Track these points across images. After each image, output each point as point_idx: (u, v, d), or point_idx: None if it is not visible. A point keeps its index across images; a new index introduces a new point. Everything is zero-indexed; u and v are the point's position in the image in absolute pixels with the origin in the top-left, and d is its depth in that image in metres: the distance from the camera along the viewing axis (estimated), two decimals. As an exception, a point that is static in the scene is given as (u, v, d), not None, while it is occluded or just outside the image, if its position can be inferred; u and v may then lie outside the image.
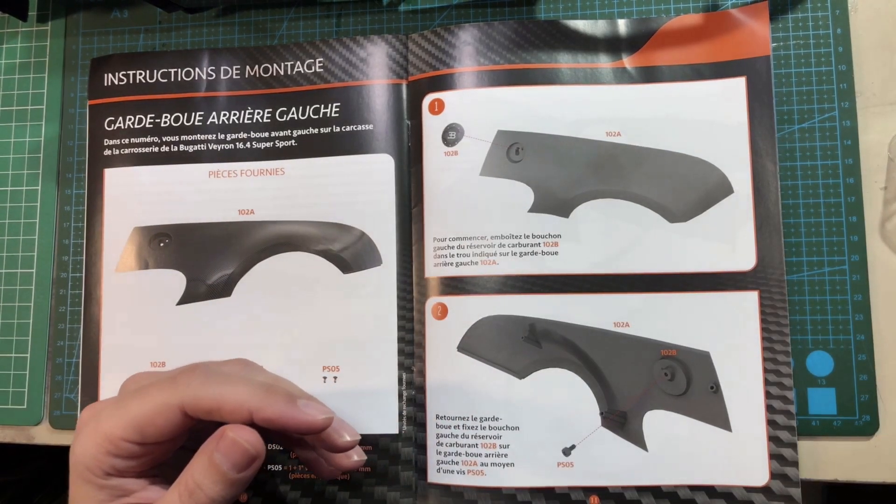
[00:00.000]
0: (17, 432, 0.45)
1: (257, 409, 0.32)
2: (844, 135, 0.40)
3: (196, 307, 0.43)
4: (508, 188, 0.41)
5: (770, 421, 0.38)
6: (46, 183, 0.46)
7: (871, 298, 0.39)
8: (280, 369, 0.42)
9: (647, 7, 0.43)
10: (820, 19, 0.41)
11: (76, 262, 0.45)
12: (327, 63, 0.44)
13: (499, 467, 0.40)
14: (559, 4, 0.44)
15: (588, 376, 0.40)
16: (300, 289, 0.42)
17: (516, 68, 0.42)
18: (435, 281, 0.41)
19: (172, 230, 0.44)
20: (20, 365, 0.45)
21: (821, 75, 0.41)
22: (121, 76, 0.45)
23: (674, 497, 0.39)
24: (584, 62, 0.42)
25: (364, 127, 0.43)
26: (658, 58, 0.42)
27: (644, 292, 0.40)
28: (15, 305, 0.46)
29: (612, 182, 0.41)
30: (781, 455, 0.38)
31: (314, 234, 0.43)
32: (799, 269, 0.40)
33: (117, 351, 0.43)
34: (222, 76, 0.45)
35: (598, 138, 0.41)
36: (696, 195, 0.40)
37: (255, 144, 0.44)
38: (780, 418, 0.38)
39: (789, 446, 0.38)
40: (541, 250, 0.41)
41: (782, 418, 0.38)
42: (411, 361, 0.41)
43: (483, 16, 0.44)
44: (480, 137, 0.42)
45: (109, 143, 0.45)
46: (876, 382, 0.39)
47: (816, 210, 0.40)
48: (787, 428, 0.38)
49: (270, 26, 0.46)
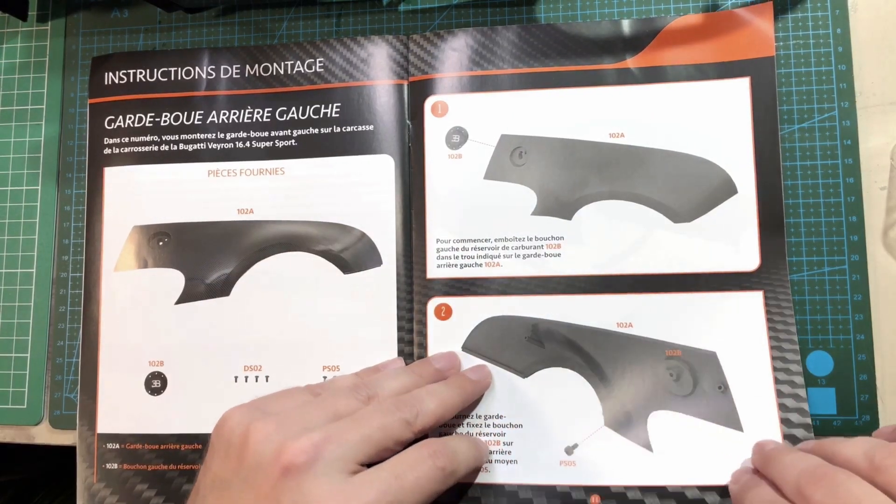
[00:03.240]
0: (17, 432, 0.45)
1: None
2: (844, 134, 0.40)
3: (194, 306, 0.43)
4: (512, 191, 0.42)
5: (783, 419, 0.38)
6: (46, 183, 0.46)
7: (871, 298, 0.39)
8: (279, 369, 0.42)
9: (646, 7, 0.43)
10: (820, 19, 0.41)
11: (76, 261, 0.45)
12: (328, 63, 0.44)
13: (502, 464, 0.40)
14: (559, 4, 0.44)
15: (591, 376, 0.40)
16: (300, 289, 0.42)
17: (520, 72, 0.42)
18: (438, 282, 0.42)
19: (172, 229, 0.44)
20: (20, 365, 0.45)
21: (820, 75, 0.41)
22: (121, 75, 0.45)
23: (681, 497, 0.38)
24: (588, 64, 0.42)
25: (364, 127, 0.43)
26: (662, 58, 0.41)
27: (647, 293, 0.40)
28: (15, 305, 0.46)
29: (615, 183, 0.41)
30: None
31: (314, 234, 0.43)
32: (799, 269, 0.40)
33: (116, 349, 0.43)
34: (222, 75, 0.45)
35: (601, 140, 0.41)
36: (700, 195, 0.40)
37: (254, 144, 0.44)
38: (793, 416, 0.38)
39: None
40: (543, 252, 0.41)
41: (796, 416, 0.38)
42: (412, 361, 0.41)
43: (483, 15, 0.44)
44: (484, 141, 0.42)
45: (109, 142, 0.45)
46: (876, 382, 0.39)
47: (816, 210, 0.40)
48: (803, 426, 0.38)
49: (270, 26, 0.46)
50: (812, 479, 0.30)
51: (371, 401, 0.36)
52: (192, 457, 0.42)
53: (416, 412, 0.35)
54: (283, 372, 0.42)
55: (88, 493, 0.42)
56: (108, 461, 0.42)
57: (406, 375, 0.39)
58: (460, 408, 0.39)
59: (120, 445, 0.42)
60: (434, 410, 0.36)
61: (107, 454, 0.42)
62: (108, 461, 0.42)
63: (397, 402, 0.36)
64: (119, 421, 0.43)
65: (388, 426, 0.34)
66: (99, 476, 0.42)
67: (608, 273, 0.40)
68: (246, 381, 0.42)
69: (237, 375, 0.42)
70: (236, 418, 0.34)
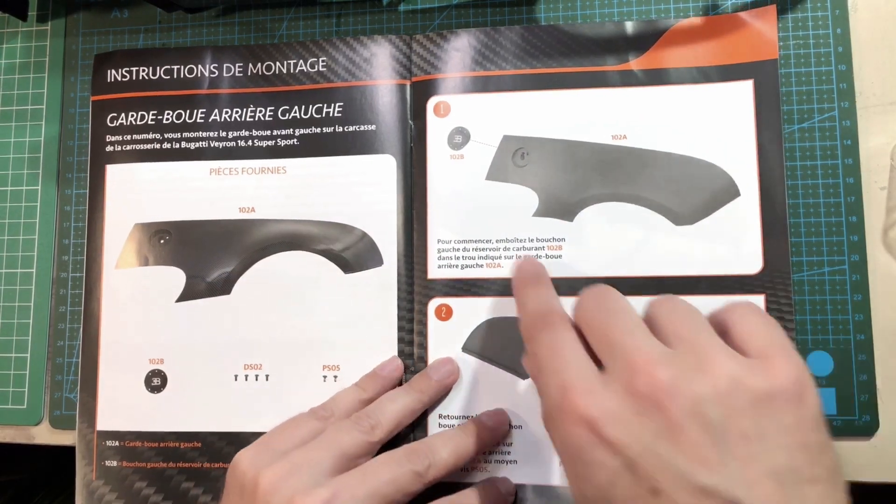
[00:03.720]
0: (17, 432, 0.45)
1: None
2: (844, 134, 0.40)
3: (195, 304, 0.43)
4: (513, 192, 0.42)
5: None
6: (46, 183, 0.46)
7: (871, 298, 0.39)
8: (279, 368, 0.42)
9: (646, 7, 0.43)
10: (820, 19, 0.41)
11: (76, 261, 0.45)
12: (330, 62, 0.44)
13: (502, 464, 0.40)
14: (559, 4, 0.44)
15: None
16: (301, 288, 0.42)
17: (523, 73, 0.42)
18: (439, 282, 0.42)
19: (173, 227, 0.44)
20: (20, 365, 0.45)
21: (820, 75, 0.41)
22: (124, 72, 0.45)
23: None
24: (591, 65, 0.42)
25: (367, 127, 0.43)
26: (665, 60, 0.41)
27: (648, 295, 0.40)
28: (15, 305, 0.46)
29: (617, 185, 0.41)
30: None
31: (315, 233, 0.43)
32: (799, 269, 0.40)
33: (116, 347, 0.43)
34: (225, 73, 0.45)
35: (603, 141, 0.41)
36: (703, 198, 0.40)
37: (256, 142, 0.44)
38: None
39: None
40: (545, 253, 0.41)
41: None
42: (412, 361, 0.41)
43: (483, 15, 0.44)
44: (486, 142, 0.42)
45: (111, 140, 0.45)
46: (876, 382, 0.39)
47: (816, 210, 0.40)
48: None
49: (270, 26, 0.46)
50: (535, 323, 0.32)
51: (374, 430, 0.36)
52: (192, 455, 0.42)
53: (429, 463, 0.35)
54: (283, 371, 0.42)
55: (87, 490, 0.42)
56: (108, 459, 0.42)
57: (406, 395, 0.39)
58: (476, 456, 0.39)
59: (119, 443, 0.42)
60: (447, 460, 0.36)
61: (106, 452, 0.42)
62: (107, 459, 0.42)
63: (409, 452, 0.36)
64: (119, 418, 0.43)
65: (398, 479, 0.34)
66: (98, 473, 0.42)
67: (609, 275, 0.40)
68: (246, 379, 0.42)
69: (237, 374, 0.42)
70: (246, 462, 0.35)
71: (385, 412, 0.38)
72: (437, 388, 0.40)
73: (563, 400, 0.29)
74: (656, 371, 0.27)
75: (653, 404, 0.27)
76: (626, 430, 0.27)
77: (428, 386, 0.39)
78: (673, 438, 0.26)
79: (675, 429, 0.26)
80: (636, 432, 0.27)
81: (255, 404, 0.42)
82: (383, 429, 0.37)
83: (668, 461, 0.26)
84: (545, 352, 0.31)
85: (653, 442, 0.27)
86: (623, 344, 0.29)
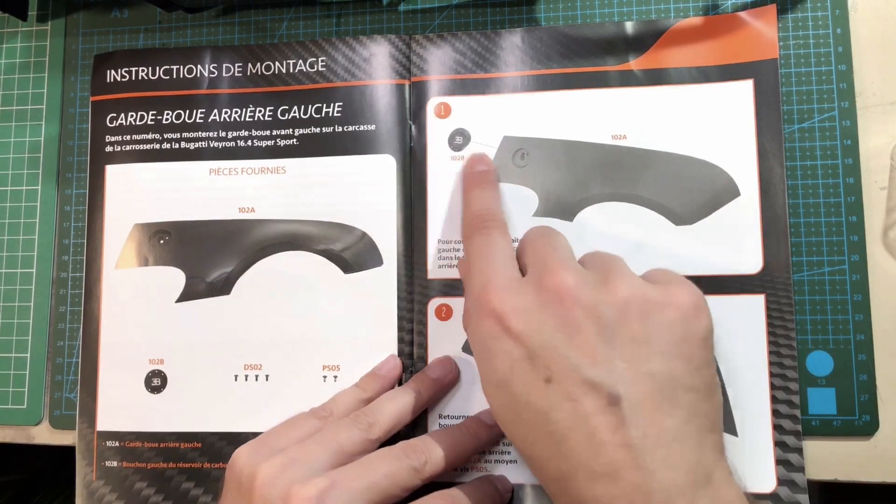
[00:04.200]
0: (17, 432, 0.45)
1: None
2: (844, 134, 0.40)
3: (195, 305, 0.43)
4: (514, 193, 0.42)
5: (776, 426, 0.38)
6: (46, 183, 0.46)
7: (871, 298, 0.39)
8: (279, 368, 0.42)
9: (646, 7, 0.43)
10: (820, 19, 0.41)
11: (76, 261, 0.45)
12: (330, 62, 0.44)
13: (500, 464, 0.40)
14: (559, 4, 0.44)
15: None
16: (300, 288, 0.42)
17: (523, 74, 0.42)
18: (439, 282, 0.41)
19: (173, 227, 0.44)
20: (20, 365, 0.45)
21: (820, 75, 0.41)
22: (123, 73, 0.45)
23: None
24: (591, 65, 0.42)
25: (366, 127, 0.43)
26: (665, 60, 0.41)
27: None
28: (15, 305, 0.46)
29: (617, 185, 0.41)
30: (788, 460, 0.38)
31: (315, 233, 0.43)
32: (799, 269, 0.40)
33: (116, 347, 0.43)
34: (224, 73, 0.45)
35: (603, 142, 0.41)
36: (703, 198, 0.40)
37: (256, 143, 0.44)
38: (786, 423, 0.38)
39: (795, 451, 0.38)
40: None
41: (788, 423, 0.38)
42: (411, 361, 0.41)
43: (482, 16, 0.44)
44: (486, 143, 0.42)
45: (111, 140, 0.45)
46: (876, 382, 0.39)
47: (816, 210, 0.40)
48: (793, 433, 0.38)
49: (270, 26, 0.46)
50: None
51: (373, 428, 0.36)
52: (192, 455, 0.42)
53: (426, 459, 0.35)
54: (283, 371, 0.42)
55: (87, 490, 0.42)
56: (108, 459, 0.42)
57: (404, 394, 0.39)
58: (474, 454, 0.39)
59: (119, 443, 0.42)
60: (444, 457, 0.36)
61: (106, 452, 0.42)
62: (107, 459, 0.42)
63: (406, 448, 0.36)
64: (119, 419, 0.43)
65: (396, 473, 0.34)
66: (98, 474, 0.42)
67: None
68: (246, 379, 0.42)
69: (237, 374, 0.42)
70: (244, 458, 0.35)
71: (383, 410, 0.38)
72: (436, 387, 0.40)
73: (480, 295, 0.33)
74: (566, 274, 0.32)
75: (557, 300, 0.31)
76: (530, 323, 0.31)
77: (426, 385, 0.39)
78: (569, 334, 0.30)
79: (572, 325, 0.30)
80: (538, 326, 0.31)
81: (255, 404, 0.42)
82: (381, 427, 0.37)
83: (562, 354, 0.30)
84: (476, 252, 0.35)
85: (552, 335, 0.31)
86: (545, 254, 0.34)
